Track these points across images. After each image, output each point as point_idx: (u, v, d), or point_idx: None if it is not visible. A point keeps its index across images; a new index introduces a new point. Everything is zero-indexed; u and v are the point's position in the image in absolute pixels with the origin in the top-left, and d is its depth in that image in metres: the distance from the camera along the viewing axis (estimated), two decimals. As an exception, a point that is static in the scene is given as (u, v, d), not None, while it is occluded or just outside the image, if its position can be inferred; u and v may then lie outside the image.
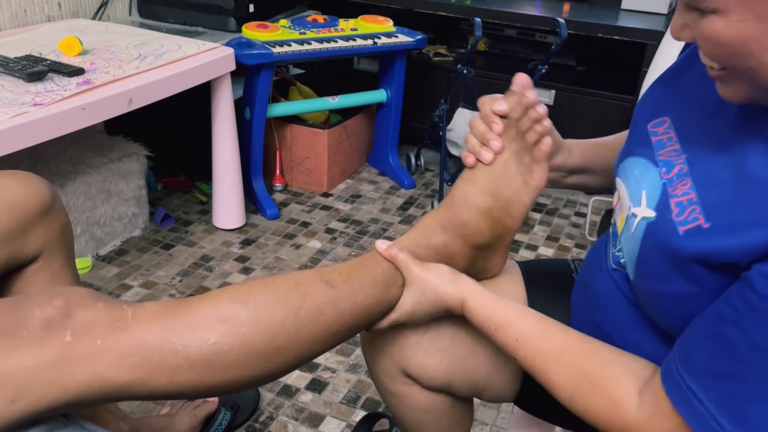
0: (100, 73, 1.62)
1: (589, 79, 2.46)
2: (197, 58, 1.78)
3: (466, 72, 2.21)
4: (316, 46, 2.09)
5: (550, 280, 0.98)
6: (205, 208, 2.25)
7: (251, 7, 2.24)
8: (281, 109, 2.23)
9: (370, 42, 2.18)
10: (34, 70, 1.54)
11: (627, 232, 0.75)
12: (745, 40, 0.56)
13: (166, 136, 2.19)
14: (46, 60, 1.64)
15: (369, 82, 2.55)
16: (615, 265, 0.81)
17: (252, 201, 2.26)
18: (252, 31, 2.09)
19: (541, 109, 0.83)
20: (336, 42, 2.14)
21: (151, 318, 0.67)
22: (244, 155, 2.13)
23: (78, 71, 1.59)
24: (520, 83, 0.84)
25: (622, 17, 2.27)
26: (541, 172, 0.85)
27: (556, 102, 2.37)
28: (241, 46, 2.00)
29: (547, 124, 0.84)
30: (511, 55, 2.65)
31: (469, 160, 0.85)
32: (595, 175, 0.97)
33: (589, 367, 0.73)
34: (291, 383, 1.54)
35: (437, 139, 2.38)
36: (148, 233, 2.10)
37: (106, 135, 2.10)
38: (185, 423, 1.30)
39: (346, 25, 2.24)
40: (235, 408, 1.41)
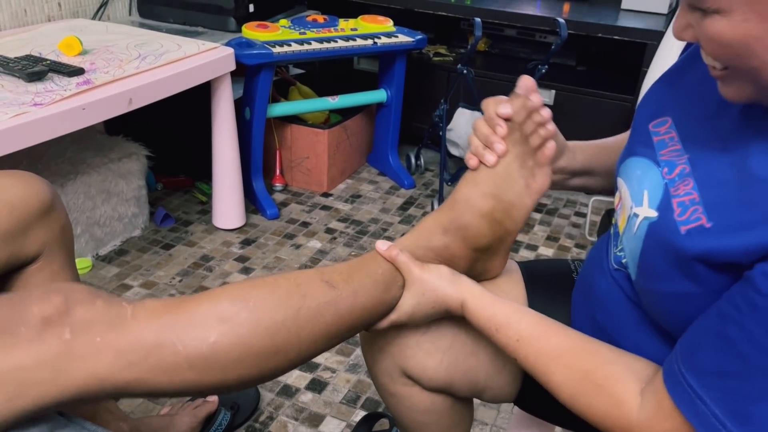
0: (100, 73, 1.62)
1: (589, 79, 2.46)
2: (197, 58, 1.78)
3: (466, 72, 2.21)
4: (316, 46, 2.09)
5: (550, 280, 0.98)
6: (205, 208, 2.24)
7: (251, 7, 2.24)
8: (281, 109, 2.23)
9: (370, 42, 2.18)
10: (34, 70, 1.54)
11: (629, 232, 0.75)
12: (748, 40, 0.56)
13: (166, 136, 2.19)
14: (46, 60, 1.63)
15: (369, 82, 2.54)
16: (616, 265, 0.80)
17: (252, 201, 2.25)
18: (252, 31, 2.09)
19: (546, 112, 0.83)
20: (336, 42, 2.14)
21: (151, 316, 0.67)
22: (244, 155, 2.13)
23: (78, 71, 1.59)
24: (525, 86, 0.83)
25: (622, 17, 2.27)
26: (543, 176, 0.85)
27: (556, 102, 2.37)
28: (241, 46, 2.00)
29: (551, 127, 0.84)
30: (511, 55, 2.65)
31: (471, 162, 0.85)
32: (597, 177, 0.97)
33: (591, 367, 0.73)
34: (291, 383, 1.54)
35: (437, 139, 2.37)
36: (148, 233, 2.10)
37: (106, 135, 2.10)
38: (185, 423, 1.30)
39: (346, 25, 2.24)
40: (235, 408, 1.41)
